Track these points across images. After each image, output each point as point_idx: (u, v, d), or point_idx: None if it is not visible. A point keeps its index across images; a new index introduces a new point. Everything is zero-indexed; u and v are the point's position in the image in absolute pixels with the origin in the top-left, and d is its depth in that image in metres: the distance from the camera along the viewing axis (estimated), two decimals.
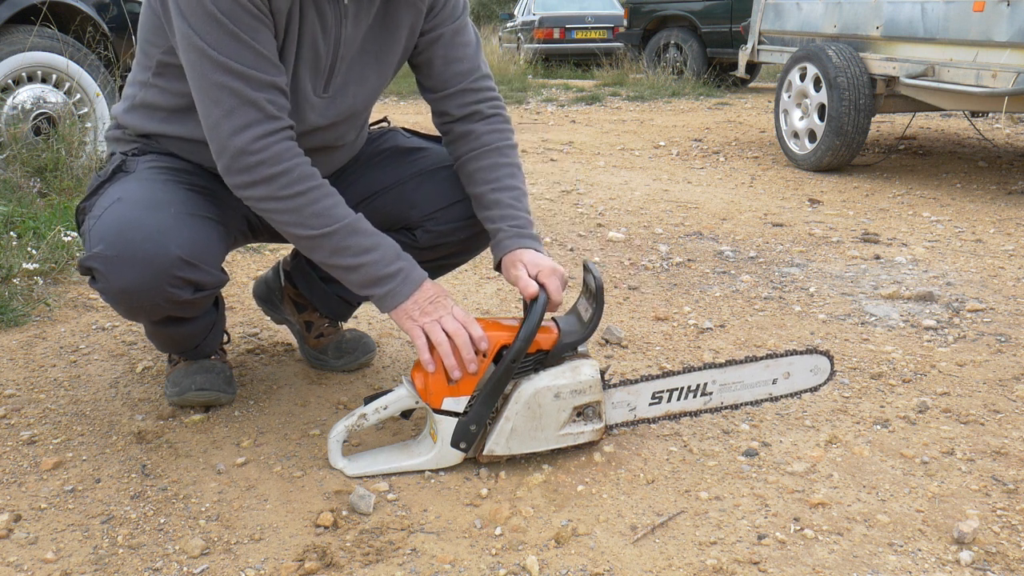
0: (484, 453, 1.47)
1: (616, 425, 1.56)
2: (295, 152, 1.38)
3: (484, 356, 1.43)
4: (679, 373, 1.55)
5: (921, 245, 3.08)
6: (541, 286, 1.44)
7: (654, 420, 1.58)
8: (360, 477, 1.47)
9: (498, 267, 1.54)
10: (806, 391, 1.62)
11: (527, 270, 1.46)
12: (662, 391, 1.55)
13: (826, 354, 1.61)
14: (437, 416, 1.45)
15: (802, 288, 2.58)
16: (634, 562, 1.26)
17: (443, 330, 1.40)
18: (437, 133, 1.71)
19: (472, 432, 1.45)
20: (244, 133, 1.33)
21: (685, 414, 1.58)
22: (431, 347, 1.41)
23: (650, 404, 1.56)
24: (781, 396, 1.61)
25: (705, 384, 1.56)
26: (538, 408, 1.45)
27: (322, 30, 1.42)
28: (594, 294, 1.46)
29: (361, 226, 1.41)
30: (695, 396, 1.57)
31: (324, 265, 1.44)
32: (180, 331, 1.62)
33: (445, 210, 1.66)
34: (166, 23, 1.38)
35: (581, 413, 1.48)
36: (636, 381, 1.55)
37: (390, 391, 1.48)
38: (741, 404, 1.60)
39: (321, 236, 1.38)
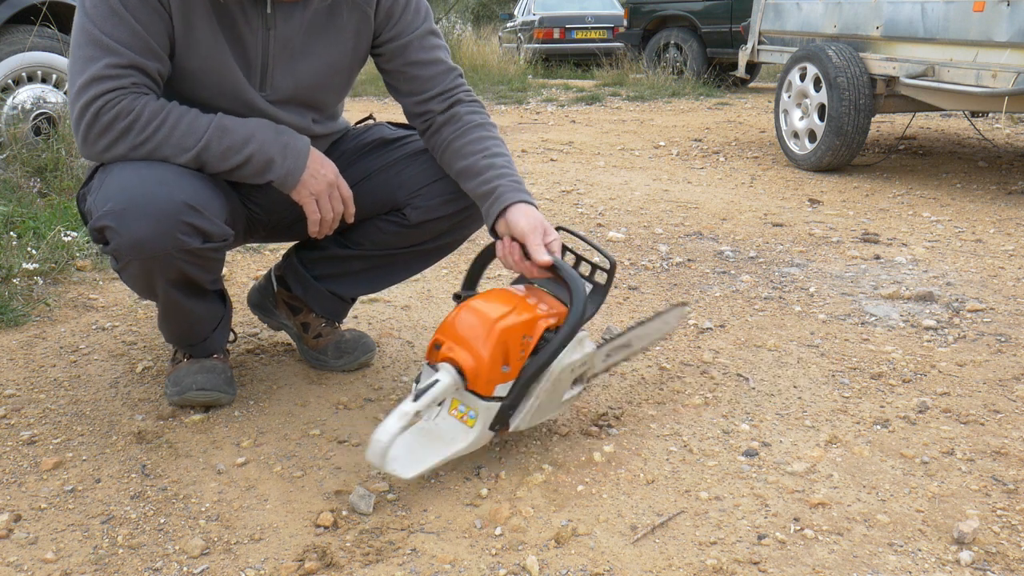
0: (510, 431, 1.49)
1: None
2: (139, 98, 1.41)
3: (530, 340, 1.45)
4: (621, 335, 1.73)
5: (921, 245, 3.08)
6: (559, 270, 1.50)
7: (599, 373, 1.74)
8: (417, 476, 1.41)
9: (496, 221, 1.53)
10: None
11: (540, 236, 1.49)
12: (610, 352, 1.71)
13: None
14: (483, 403, 1.42)
15: (802, 288, 2.58)
16: (634, 562, 1.26)
17: (332, 201, 1.57)
18: None
19: (509, 415, 1.46)
20: (96, 102, 1.39)
21: (618, 363, 1.78)
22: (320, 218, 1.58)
23: (603, 361, 1.70)
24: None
25: (630, 341, 1.76)
26: (558, 383, 1.49)
27: (249, 30, 1.47)
28: (608, 271, 1.59)
29: (226, 123, 1.45)
30: (624, 349, 1.75)
31: (225, 174, 1.48)
32: (192, 309, 1.62)
33: (431, 186, 1.69)
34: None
35: (577, 380, 1.56)
36: (600, 345, 1.67)
37: (434, 383, 1.39)
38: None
39: (201, 151, 1.43)
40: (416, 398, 1.37)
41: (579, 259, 1.58)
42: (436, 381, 1.39)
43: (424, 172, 1.70)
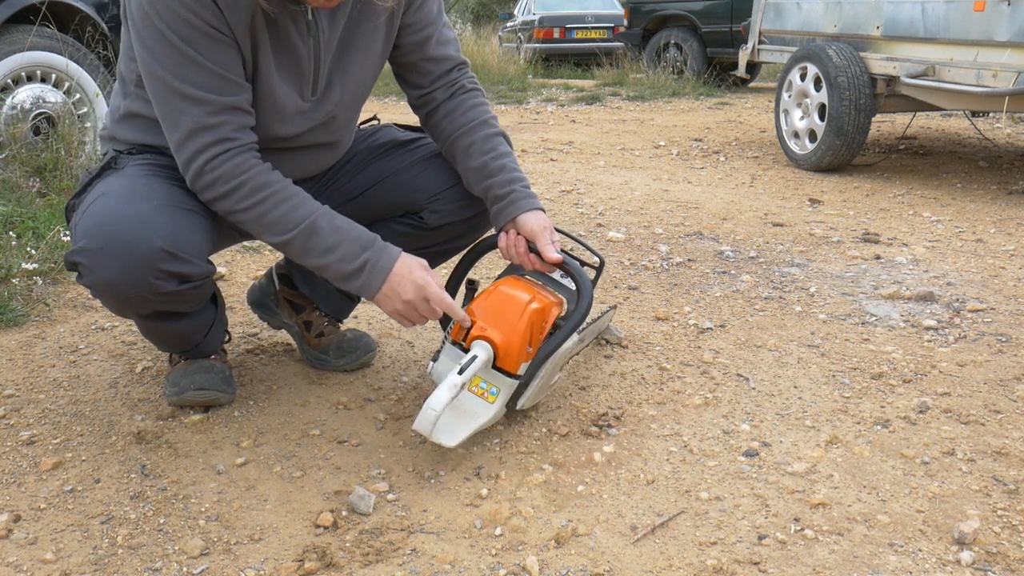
0: (516, 408, 1.57)
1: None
2: (249, 165, 1.42)
3: (545, 325, 1.56)
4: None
5: (921, 245, 3.08)
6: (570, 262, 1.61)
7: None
8: (457, 446, 1.49)
9: (506, 223, 1.63)
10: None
11: (549, 236, 1.60)
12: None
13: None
14: (508, 380, 1.52)
15: (802, 288, 2.57)
16: (634, 562, 1.26)
17: (420, 313, 1.51)
18: None
19: (521, 393, 1.55)
20: (200, 157, 1.39)
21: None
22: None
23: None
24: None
25: (584, 337, 1.87)
26: (555, 367, 1.62)
27: (300, 39, 1.45)
28: (597, 268, 1.75)
29: (321, 224, 1.44)
30: (580, 343, 1.86)
31: (305, 266, 1.49)
32: (175, 328, 1.61)
33: (450, 190, 1.71)
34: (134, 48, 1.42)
35: (563, 367, 1.69)
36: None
37: (474, 358, 1.48)
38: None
39: (285, 242, 1.45)
40: (460, 372, 1.45)
41: (573, 258, 1.65)
42: (475, 357, 1.48)
43: (441, 177, 1.71)
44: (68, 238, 2.61)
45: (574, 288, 1.63)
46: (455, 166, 1.68)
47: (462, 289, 1.71)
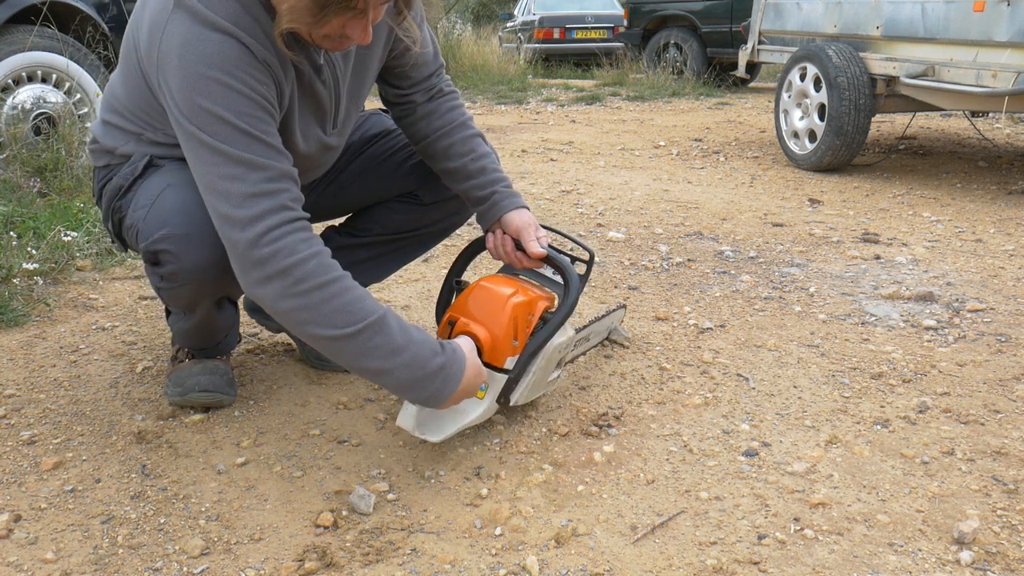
0: (510, 404, 1.56)
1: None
2: (312, 243, 1.29)
3: (532, 318, 1.55)
4: (583, 328, 1.87)
5: (921, 245, 3.08)
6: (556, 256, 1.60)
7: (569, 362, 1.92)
8: (442, 441, 1.50)
9: (490, 224, 1.65)
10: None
11: (534, 232, 1.60)
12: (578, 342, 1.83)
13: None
14: (496, 375, 1.52)
15: (802, 288, 2.57)
16: (634, 562, 1.26)
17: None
18: None
19: (512, 388, 1.54)
20: (257, 224, 1.25)
21: (580, 354, 1.95)
22: None
23: (572, 350, 1.83)
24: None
25: (589, 335, 1.91)
26: (549, 362, 1.60)
27: (320, 82, 1.45)
28: (587, 262, 1.76)
29: (390, 321, 1.31)
30: (585, 341, 1.91)
31: (353, 369, 1.36)
32: (221, 318, 1.65)
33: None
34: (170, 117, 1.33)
35: (559, 363, 1.67)
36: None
37: None
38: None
39: (345, 336, 1.28)
40: None
41: (561, 253, 1.66)
42: None
43: None
44: (68, 238, 2.61)
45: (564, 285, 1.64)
46: (432, 166, 1.70)
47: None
